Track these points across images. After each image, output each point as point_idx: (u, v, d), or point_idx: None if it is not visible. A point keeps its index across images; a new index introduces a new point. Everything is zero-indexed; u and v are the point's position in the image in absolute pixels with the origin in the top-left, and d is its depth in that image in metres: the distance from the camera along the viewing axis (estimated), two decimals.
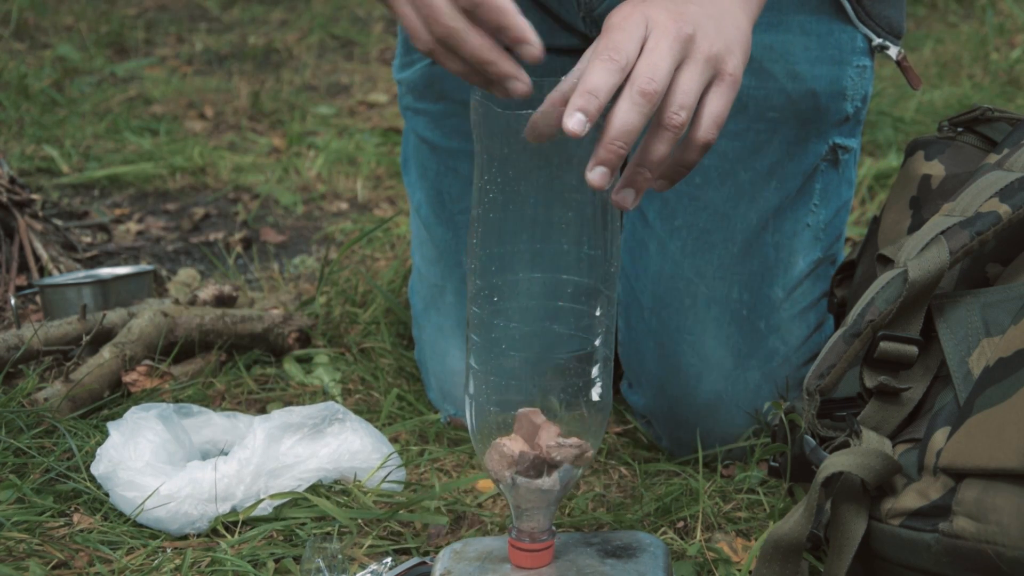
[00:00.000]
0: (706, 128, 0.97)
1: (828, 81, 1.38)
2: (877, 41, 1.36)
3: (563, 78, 0.98)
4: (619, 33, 0.95)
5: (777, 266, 1.38)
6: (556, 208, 0.97)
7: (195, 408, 1.37)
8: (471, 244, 1.00)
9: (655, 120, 0.95)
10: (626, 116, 0.93)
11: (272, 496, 1.25)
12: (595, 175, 0.93)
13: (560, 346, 0.99)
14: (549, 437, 0.99)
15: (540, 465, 0.99)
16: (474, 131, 0.98)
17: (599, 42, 0.95)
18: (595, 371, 0.99)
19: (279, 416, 1.31)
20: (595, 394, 1.00)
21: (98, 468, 1.27)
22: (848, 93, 1.40)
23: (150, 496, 1.22)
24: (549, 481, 1.00)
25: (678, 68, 0.96)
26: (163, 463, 1.26)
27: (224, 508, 1.24)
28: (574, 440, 0.99)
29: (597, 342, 0.99)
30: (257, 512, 1.24)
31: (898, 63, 1.36)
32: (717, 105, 0.98)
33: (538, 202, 0.97)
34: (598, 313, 0.99)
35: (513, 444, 0.99)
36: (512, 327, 0.98)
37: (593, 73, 0.93)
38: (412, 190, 1.58)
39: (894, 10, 1.39)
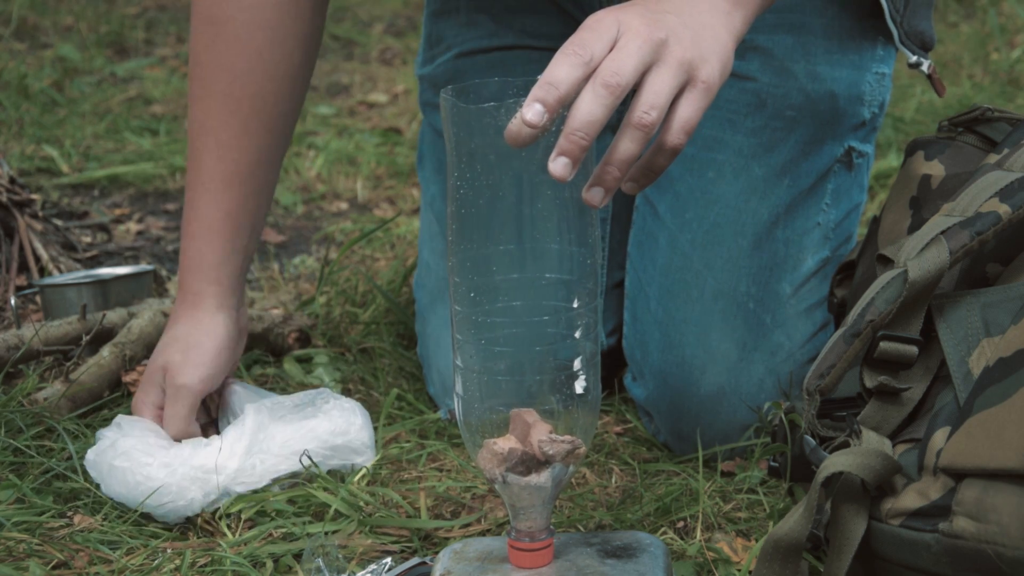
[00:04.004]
0: (675, 133, 0.97)
1: (847, 84, 1.39)
2: (913, 59, 1.36)
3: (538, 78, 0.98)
4: (588, 32, 0.96)
5: (786, 262, 1.39)
6: (530, 202, 0.98)
7: None
8: (448, 242, 1.00)
9: (625, 119, 0.96)
10: (588, 107, 0.93)
11: (277, 480, 1.26)
12: (556, 166, 0.93)
13: (541, 340, 0.99)
14: (540, 433, 0.99)
15: (530, 461, 0.99)
16: (444, 128, 0.99)
17: (567, 41, 0.96)
18: (577, 364, 1.00)
19: (269, 399, 1.34)
20: (579, 387, 1.00)
21: (89, 457, 1.28)
22: (866, 98, 1.41)
23: (148, 493, 1.23)
24: (541, 478, 1.00)
25: (649, 70, 0.96)
26: (148, 447, 1.28)
27: (221, 480, 1.25)
28: (566, 436, 0.99)
29: (577, 334, 0.99)
30: (252, 487, 1.26)
31: (928, 75, 1.36)
32: (687, 111, 0.98)
33: (510, 196, 0.98)
34: (576, 305, 0.99)
35: (504, 442, 0.99)
36: (494, 323, 0.99)
37: (555, 66, 0.94)
38: (427, 184, 1.59)
39: (926, 23, 1.40)
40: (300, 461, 1.28)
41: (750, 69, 1.38)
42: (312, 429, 1.30)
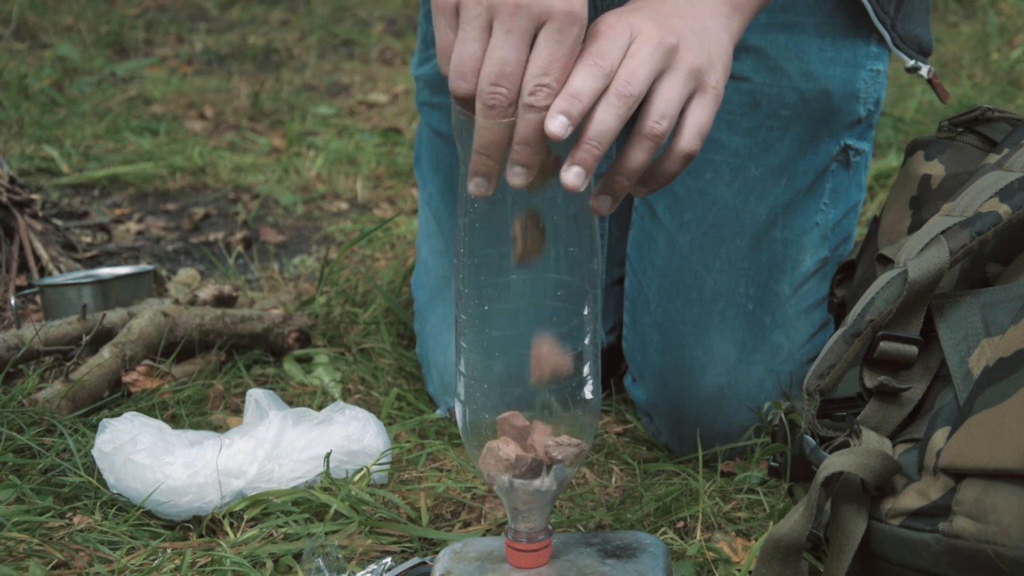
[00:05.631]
0: (689, 138, 0.98)
1: (842, 82, 1.39)
2: (910, 63, 1.36)
3: None
4: (605, 40, 0.95)
5: (785, 262, 1.39)
6: (538, 212, 0.97)
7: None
8: (458, 252, 1.00)
9: (636, 128, 0.96)
10: (603, 117, 0.93)
11: (274, 493, 1.26)
12: (571, 175, 0.93)
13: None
14: (544, 437, 0.99)
15: (538, 467, 0.99)
16: (456, 141, 0.98)
17: (584, 48, 0.95)
18: (586, 369, 1.00)
19: (292, 410, 1.35)
20: (588, 392, 1.00)
21: (103, 448, 1.27)
22: (861, 96, 1.41)
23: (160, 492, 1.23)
24: (547, 482, 1.00)
25: (660, 77, 0.96)
26: (168, 444, 1.28)
27: (238, 484, 1.26)
28: (572, 439, 0.99)
29: (587, 340, 0.99)
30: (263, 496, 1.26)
31: (929, 80, 1.36)
32: (700, 116, 0.98)
33: (521, 207, 0.97)
34: (586, 312, 0.99)
35: (507, 447, 0.99)
36: (501, 332, 0.98)
37: (577, 77, 0.93)
38: (424, 183, 1.59)
39: (923, 28, 1.40)
40: (324, 462, 1.29)
41: (743, 69, 1.38)
42: (330, 436, 1.31)
